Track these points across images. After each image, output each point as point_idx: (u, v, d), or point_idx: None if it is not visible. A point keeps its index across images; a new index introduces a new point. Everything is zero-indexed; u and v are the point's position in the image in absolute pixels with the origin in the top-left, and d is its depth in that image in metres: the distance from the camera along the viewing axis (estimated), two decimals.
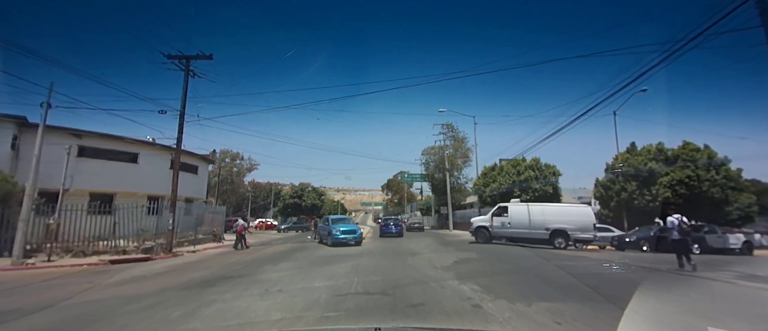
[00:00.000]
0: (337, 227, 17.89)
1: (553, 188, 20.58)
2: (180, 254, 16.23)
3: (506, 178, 20.97)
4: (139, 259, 14.39)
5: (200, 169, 26.05)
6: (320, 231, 20.05)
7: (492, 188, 21.60)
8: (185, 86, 17.33)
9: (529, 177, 20.16)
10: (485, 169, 23.78)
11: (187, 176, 24.55)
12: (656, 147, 22.82)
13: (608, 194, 23.36)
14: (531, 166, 20.72)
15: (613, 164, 24.32)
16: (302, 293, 6.39)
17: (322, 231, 19.56)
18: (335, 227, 17.90)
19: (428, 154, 40.67)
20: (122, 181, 20.44)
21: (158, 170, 22.26)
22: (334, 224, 18.54)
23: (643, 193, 21.17)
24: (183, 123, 17.28)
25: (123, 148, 20.69)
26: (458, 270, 8.78)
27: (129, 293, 7.24)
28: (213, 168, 67.98)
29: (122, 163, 20.73)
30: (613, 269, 9.90)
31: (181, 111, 17.22)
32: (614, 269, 9.92)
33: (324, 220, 20.92)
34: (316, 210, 48.05)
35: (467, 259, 11.30)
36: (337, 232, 17.40)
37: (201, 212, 20.05)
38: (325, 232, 18.82)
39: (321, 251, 15.21)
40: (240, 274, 9.06)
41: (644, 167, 21.38)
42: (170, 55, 17.10)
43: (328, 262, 11.00)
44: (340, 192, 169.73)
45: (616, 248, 18.55)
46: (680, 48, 11.15)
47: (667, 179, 20.32)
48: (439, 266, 9.69)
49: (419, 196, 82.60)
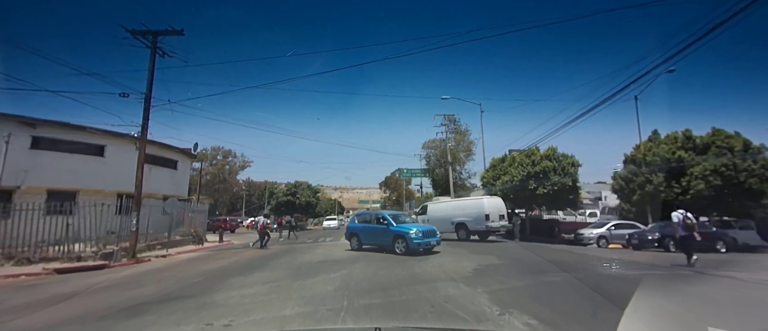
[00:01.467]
0: (409, 229, 11.94)
1: (573, 180, 18.35)
2: (145, 260, 13.95)
3: (519, 169, 18.70)
4: (92, 267, 12.09)
5: (180, 164, 23.63)
6: (359, 233, 13.90)
7: (503, 181, 19.33)
8: (151, 66, 14.97)
9: (545, 168, 17.89)
10: (494, 161, 21.51)
11: (164, 171, 22.17)
12: (683, 134, 20.65)
13: (630, 187, 21.15)
14: (547, 156, 18.47)
15: (633, 154, 22.12)
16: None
17: (368, 232, 13.62)
18: (405, 229, 12.01)
19: (429, 147, 38.39)
20: (86, 177, 18.03)
21: (129, 165, 19.77)
22: (403, 225, 12.54)
23: (670, 185, 19.01)
24: (149, 108, 14.90)
25: (86, 140, 18.25)
26: (488, 285, 6.50)
27: (17, 326, 4.97)
28: (204, 164, 65.58)
29: (85, 156, 18.31)
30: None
31: (147, 94, 14.85)
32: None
33: (368, 217, 14.52)
34: (311, 208, 45.71)
35: (489, 265, 9.03)
36: (415, 235, 11.62)
37: (174, 210, 17.69)
38: (370, 233, 13.46)
39: (308, 255, 12.93)
40: (192, 293, 6.76)
41: (672, 156, 19.20)
42: (135, 31, 14.69)
43: (314, 272, 8.71)
44: (338, 190, 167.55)
45: (635, 247, 15.88)
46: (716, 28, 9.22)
47: (700, 169, 18.15)
48: (458, 276, 7.42)
49: (418, 193, 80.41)
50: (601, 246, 17.39)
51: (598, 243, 17.46)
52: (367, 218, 14.50)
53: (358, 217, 15.16)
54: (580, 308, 5.02)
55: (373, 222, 13.71)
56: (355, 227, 14.37)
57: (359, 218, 15.01)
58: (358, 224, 14.40)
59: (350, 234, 14.34)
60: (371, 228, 13.60)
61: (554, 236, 20.67)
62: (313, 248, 16.16)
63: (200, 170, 28.51)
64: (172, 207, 17.29)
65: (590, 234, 17.84)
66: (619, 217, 22.61)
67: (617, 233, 17.63)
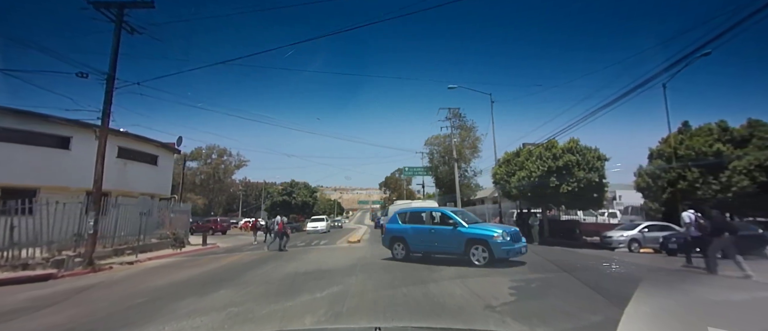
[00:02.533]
0: (491, 231, 9.19)
1: (600, 175, 16.20)
2: (104, 269, 11.85)
3: (538, 164, 16.54)
4: (34, 278, 10.01)
5: (161, 159, 21.48)
6: (408, 237, 10.60)
7: (519, 177, 17.18)
8: (116, 41, 12.87)
9: (569, 163, 15.74)
10: (507, 155, 19.34)
11: (142, 166, 20.05)
12: (718, 126, 18.53)
13: (658, 185, 19.02)
14: (570, 149, 16.31)
15: (661, 148, 19.98)
16: None
17: (422, 236, 10.31)
18: (486, 231, 9.25)
19: (432, 144, 36.21)
20: (49, 172, 15.93)
21: None
22: (478, 225, 9.85)
23: (707, 181, 16.88)
24: (112, 90, 12.79)
25: (48, 130, 16.13)
26: (550, 320, 4.34)
27: None
28: (198, 164, 63.44)
29: (48, 149, 16.20)
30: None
31: (110, 74, 12.74)
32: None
33: (420, 215, 10.94)
34: (309, 208, 43.55)
35: (529, 282, 6.89)
36: (502, 238, 8.82)
37: (147, 209, 15.57)
38: (425, 237, 10.20)
39: (295, 263, 10.78)
40: (112, 326, 4.65)
41: (710, 149, 17.07)
42: (98, 3, 12.57)
43: (295, 289, 6.59)
44: (338, 191, 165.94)
45: (670, 251, 13.45)
46: None
47: (743, 164, 16.04)
48: (495, 301, 5.27)
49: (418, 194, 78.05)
50: (633, 250, 15.24)
51: (629, 247, 15.31)
52: (418, 216, 10.89)
53: (401, 215, 11.37)
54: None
55: (429, 221, 10.46)
56: (400, 228, 10.90)
57: (404, 216, 11.25)
58: (404, 225, 10.89)
59: (393, 238, 10.99)
60: (427, 230, 10.23)
61: (575, 239, 18.52)
62: (303, 252, 14.02)
63: (183, 166, 26.40)
64: (144, 206, 15.14)
65: (620, 237, 15.69)
66: (644, 217, 20.47)
67: (651, 235, 15.49)
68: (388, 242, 11.21)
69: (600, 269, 9.57)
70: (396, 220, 11.37)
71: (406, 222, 11.01)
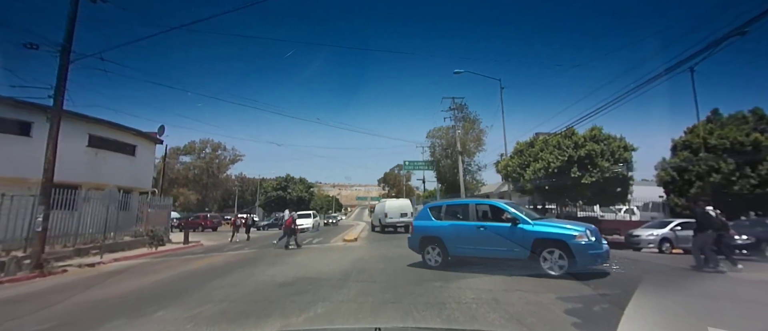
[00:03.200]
0: (571, 230, 6.95)
1: (628, 167, 14.47)
2: (56, 272, 10.18)
3: (556, 154, 14.77)
4: None
5: (141, 149, 19.63)
6: (446, 238, 8.19)
7: (535, 168, 15.40)
8: (73, 7, 11.00)
9: (591, 152, 13.97)
10: (520, 145, 17.55)
11: (117, 157, 18.21)
12: (754, 113, 16.83)
13: (684, 179, 17.28)
14: (593, 137, 14.55)
15: (687, 139, 18.21)
16: None
17: (467, 236, 7.91)
18: (562, 230, 7.05)
19: (434, 136, 34.37)
20: (5, 162, 14.09)
21: (68, 148, 15.90)
22: (547, 222, 7.63)
23: (745, 174, 15.17)
24: (67, 64, 10.99)
25: (6, 115, 14.31)
26: None
27: None
28: (191, 158, 61.48)
29: (4, 136, 14.37)
30: None
31: (65, 46, 10.91)
32: None
33: (462, 209, 8.48)
34: (304, 204, 41.75)
35: (597, 301, 5.10)
36: (587, 238, 6.77)
37: (115, 203, 13.78)
38: (471, 237, 7.80)
39: (275, 268, 9.00)
40: None
41: (747, 138, 15.34)
42: None
43: (261, 311, 4.82)
44: (337, 187, 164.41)
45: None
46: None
47: None
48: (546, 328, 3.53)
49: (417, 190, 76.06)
50: (664, 251, 13.54)
51: (660, 247, 13.59)
52: (459, 210, 8.46)
53: (433, 209, 8.85)
54: None
55: (475, 217, 7.98)
56: (434, 227, 8.39)
57: (437, 210, 8.73)
58: (440, 222, 8.37)
59: (424, 239, 8.48)
60: (473, 228, 7.76)
61: None
62: (290, 254, 12.23)
63: (164, 157, 24.56)
64: (111, 199, 13.34)
65: (649, 236, 13.96)
66: (667, 214, 18.74)
67: (683, 234, 13.76)
68: (417, 243, 8.64)
69: (682, 282, 7.37)
70: (427, 215, 8.78)
71: (441, 218, 8.45)
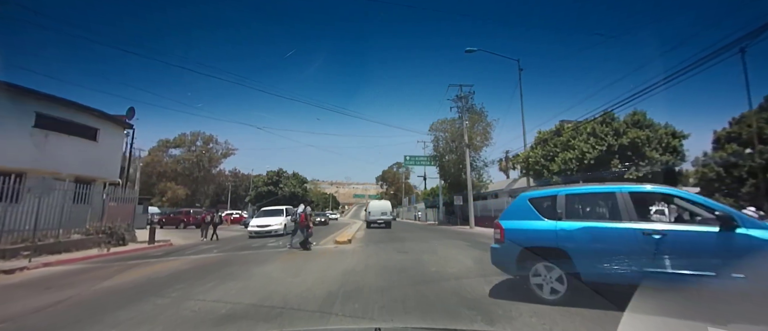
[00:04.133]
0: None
1: (681, 158, 12.07)
2: None
3: (592, 143, 12.33)
4: None
5: (104, 134, 17.01)
6: (575, 252, 4.55)
7: (564, 159, 12.96)
8: None
9: (637, 140, 11.54)
10: (542, 134, 15.11)
11: (74, 141, 15.61)
12: None
13: (733, 176, 14.94)
14: (636, 122, 12.12)
15: (734, 130, 15.87)
16: None
17: (589, 244, 4.49)
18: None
19: (438, 129, 31.85)
20: None
21: (8, 127, 13.35)
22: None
23: None
24: None
25: None
26: None
27: None
28: (181, 151, 58.67)
29: None
30: None
31: None
32: None
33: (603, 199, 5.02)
34: (297, 200, 39.12)
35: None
36: None
37: (44, 191, 11.24)
38: (619, 252, 4.39)
39: (228, 286, 6.49)
40: None
41: None
42: None
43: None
44: (334, 185, 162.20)
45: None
46: None
47: None
48: None
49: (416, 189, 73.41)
50: None
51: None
52: (599, 202, 5.28)
53: (536, 201, 5.10)
54: None
55: (629, 214, 4.38)
56: (551, 231, 4.74)
57: (550, 203, 4.98)
58: (562, 225, 4.70)
59: (530, 253, 4.83)
60: (632, 234, 4.31)
61: None
62: (262, 261, 9.67)
63: (130, 144, 21.90)
64: (42, 188, 10.75)
65: None
66: None
67: None
68: (512, 259, 4.94)
69: None
70: (528, 211, 5.04)
71: (559, 215, 4.80)
